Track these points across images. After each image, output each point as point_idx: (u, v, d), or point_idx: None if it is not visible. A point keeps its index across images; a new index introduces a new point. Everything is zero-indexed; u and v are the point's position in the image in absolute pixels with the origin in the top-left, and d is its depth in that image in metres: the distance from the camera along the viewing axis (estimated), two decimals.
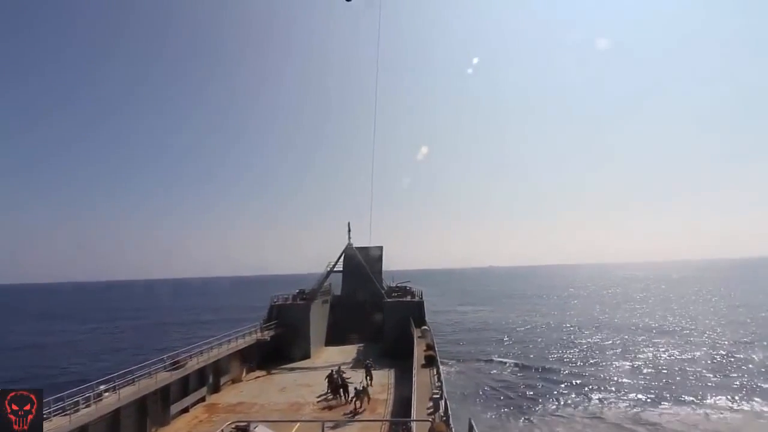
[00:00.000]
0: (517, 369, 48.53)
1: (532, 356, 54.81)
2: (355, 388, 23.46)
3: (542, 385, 41.98)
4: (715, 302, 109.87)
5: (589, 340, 65.16)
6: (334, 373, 25.11)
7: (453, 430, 12.68)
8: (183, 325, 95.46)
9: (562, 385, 41.85)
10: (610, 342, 63.12)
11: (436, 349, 26.35)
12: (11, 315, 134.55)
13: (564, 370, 47.19)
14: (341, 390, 24.15)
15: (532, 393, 39.53)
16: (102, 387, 18.94)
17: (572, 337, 68.25)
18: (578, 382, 42.96)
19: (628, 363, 50.02)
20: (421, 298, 40.25)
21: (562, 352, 57.30)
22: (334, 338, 42.11)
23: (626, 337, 66.69)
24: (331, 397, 24.43)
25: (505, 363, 51.14)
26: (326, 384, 25.13)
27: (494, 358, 53.48)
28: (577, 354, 55.72)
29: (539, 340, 66.93)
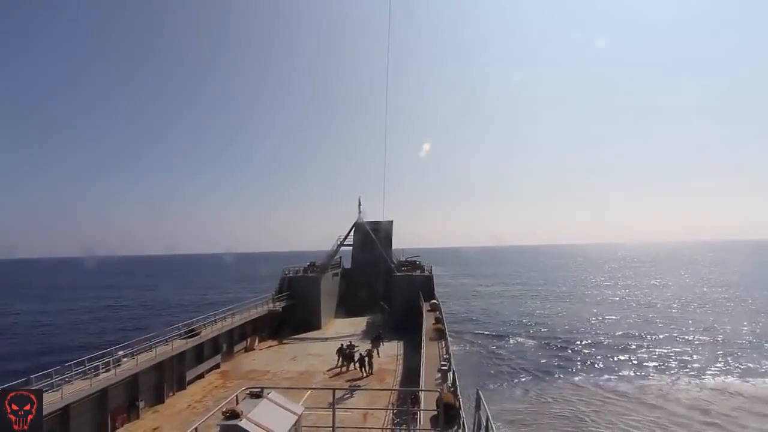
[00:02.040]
0: (526, 345, 49.08)
1: (540, 332, 55.31)
2: (360, 353, 24.36)
3: (551, 360, 42.51)
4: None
5: (595, 314, 65.39)
6: (344, 346, 25.63)
7: (461, 400, 12.91)
8: (194, 300, 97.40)
9: (570, 359, 42.34)
10: (613, 316, 63.36)
11: (445, 322, 26.67)
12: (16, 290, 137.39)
13: (571, 345, 47.62)
14: (354, 362, 24.74)
15: (539, 367, 40.08)
16: (121, 353, 19.60)
17: (578, 312, 68.55)
18: (585, 356, 43.38)
19: (631, 335, 50.32)
20: (431, 272, 40.47)
21: (569, 327, 57.67)
22: (344, 310, 42.82)
23: (629, 312, 66.83)
24: (345, 370, 24.81)
25: (514, 339, 51.73)
26: (337, 357, 25.60)
27: (503, 334, 54.11)
28: (584, 329, 56.05)
29: (546, 315, 67.38)
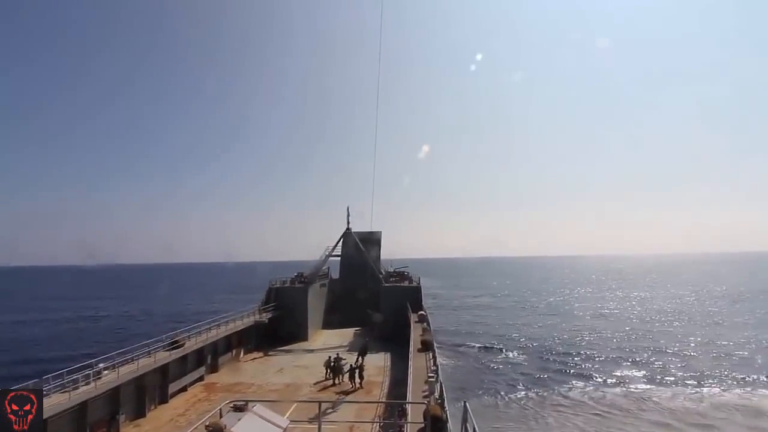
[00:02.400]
0: (514, 357, 49.08)
1: (529, 344, 55.48)
2: (351, 365, 24.04)
3: (540, 374, 42.55)
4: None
5: (586, 327, 65.86)
6: (332, 359, 25.27)
7: (448, 412, 12.85)
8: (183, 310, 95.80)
9: (559, 373, 42.43)
10: (605, 329, 63.87)
11: (433, 334, 26.60)
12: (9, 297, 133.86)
13: (561, 358, 47.78)
14: (342, 374, 24.46)
15: (527, 380, 40.08)
16: (101, 365, 19.12)
17: (568, 325, 69.01)
18: (576, 370, 43.50)
19: (623, 348, 50.70)
20: (419, 283, 40.48)
21: (559, 340, 57.96)
22: (331, 321, 42.47)
23: (619, 325, 67.45)
24: (337, 382, 24.44)
25: (503, 351, 51.76)
26: (324, 370, 25.19)
27: (491, 346, 54.13)
28: (573, 342, 56.37)
29: (536, 329, 67.67)
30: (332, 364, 24.97)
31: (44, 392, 16.14)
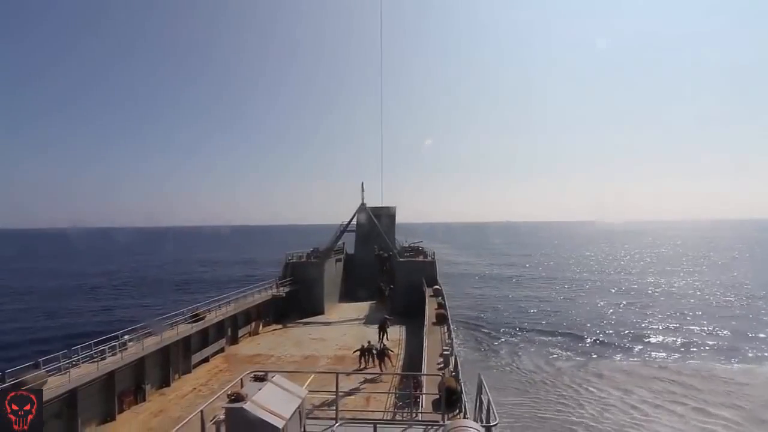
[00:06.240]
0: (532, 332, 49.01)
1: (543, 317, 55.45)
2: (376, 348, 23.07)
3: (552, 346, 42.62)
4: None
5: (596, 298, 65.52)
6: (364, 347, 23.53)
7: (462, 384, 13.06)
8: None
9: (569, 345, 42.43)
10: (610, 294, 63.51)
11: (448, 307, 26.81)
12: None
13: (571, 331, 47.70)
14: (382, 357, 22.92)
15: (541, 352, 40.21)
16: (126, 337, 19.90)
17: (581, 295, 68.70)
18: (588, 344, 43.47)
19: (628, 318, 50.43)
20: (434, 258, 40.60)
21: (570, 313, 57.80)
22: (347, 295, 43.14)
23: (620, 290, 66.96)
24: (384, 368, 22.45)
25: (521, 325, 51.82)
26: (360, 358, 23.36)
27: (509, 320, 54.23)
28: (586, 316, 56.19)
29: (550, 298, 67.51)
30: (374, 349, 23.02)
31: (74, 363, 16.93)
